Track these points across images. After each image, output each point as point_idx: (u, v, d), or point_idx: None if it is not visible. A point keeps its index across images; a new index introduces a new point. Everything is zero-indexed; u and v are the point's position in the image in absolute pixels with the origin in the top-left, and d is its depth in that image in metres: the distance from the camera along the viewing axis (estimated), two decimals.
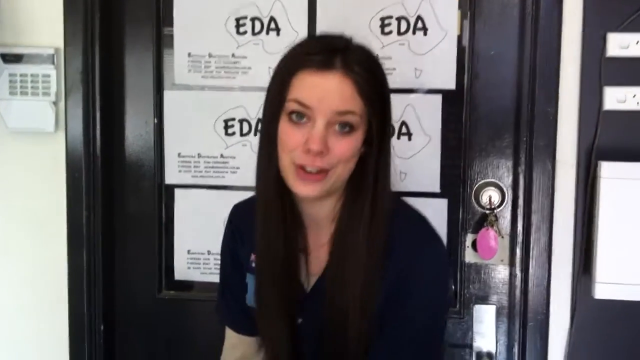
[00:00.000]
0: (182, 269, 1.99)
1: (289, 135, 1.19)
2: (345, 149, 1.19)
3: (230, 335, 1.49)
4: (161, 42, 1.95)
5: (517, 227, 1.82)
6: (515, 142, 1.82)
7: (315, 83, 1.17)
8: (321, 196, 1.23)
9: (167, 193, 1.99)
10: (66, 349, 1.98)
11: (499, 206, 1.83)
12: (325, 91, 1.16)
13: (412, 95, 1.83)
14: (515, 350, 1.85)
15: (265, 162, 1.26)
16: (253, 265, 1.37)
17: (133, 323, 2.04)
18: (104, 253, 1.97)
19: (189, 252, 1.98)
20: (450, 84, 1.82)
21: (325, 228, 1.30)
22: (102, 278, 1.98)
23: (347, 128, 1.18)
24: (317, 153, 1.16)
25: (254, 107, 1.89)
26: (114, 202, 2.01)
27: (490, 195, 1.83)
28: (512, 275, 1.85)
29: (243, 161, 1.91)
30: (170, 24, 1.93)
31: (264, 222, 1.30)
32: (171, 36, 1.93)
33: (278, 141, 1.21)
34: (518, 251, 1.82)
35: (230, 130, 1.92)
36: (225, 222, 1.50)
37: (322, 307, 1.27)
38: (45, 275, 1.98)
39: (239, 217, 1.46)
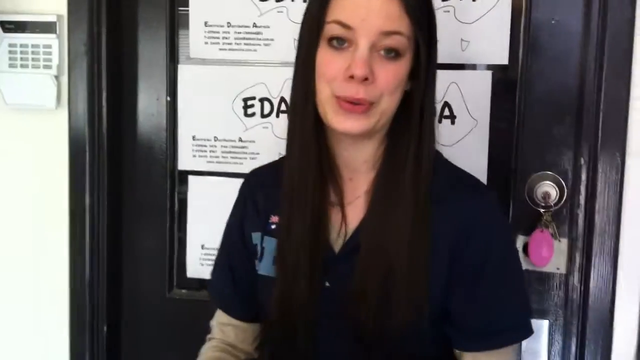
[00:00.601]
0: (195, 266, 1.85)
1: (329, 62, 1.10)
2: (390, 77, 1.09)
3: (222, 316, 1.37)
4: (175, 10, 1.78)
5: (577, 229, 1.63)
6: (578, 128, 1.61)
7: (358, 1, 1.07)
8: (363, 134, 1.13)
9: (180, 180, 1.84)
10: (67, 349, 1.85)
11: (556, 204, 1.63)
12: (369, 9, 1.07)
13: (457, 72, 1.65)
14: None
15: (302, 99, 1.15)
16: (273, 227, 1.26)
17: (140, 324, 1.90)
18: (109, 245, 1.84)
19: (202, 247, 1.84)
20: (503, 59, 1.63)
21: (363, 177, 1.20)
22: (107, 273, 1.84)
23: (392, 53, 1.09)
24: (361, 79, 1.06)
25: (276, 84, 1.72)
26: (121, 188, 1.86)
27: (546, 191, 1.63)
28: (569, 286, 1.66)
29: (263, 146, 1.76)
30: (186, 4, 1.77)
31: (298, 169, 1.18)
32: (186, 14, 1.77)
33: (316, 72, 1.12)
34: (577, 258, 1.63)
35: (249, 111, 1.76)
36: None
37: (353, 270, 1.15)
38: (44, 266, 1.85)
39: (259, 177, 1.36)
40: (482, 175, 1.64)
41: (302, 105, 1.15)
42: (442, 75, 1.55)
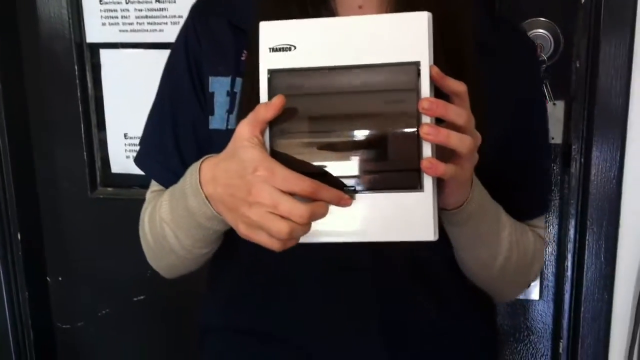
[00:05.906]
0: (120, 159, 1.61)
1: None
2: None
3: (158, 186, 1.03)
4: None
5: (576, 87, 1.28)
6: None
7: None
8: None
9: (91, 55, 1.54)
10: None
11: (550, 57, 1.32)
12: None
13: None
14: None
15: None
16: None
17: (62, 230, 1.66)
18: (10, 142, 1.56)
19: (126, 135, 1.58)
20: None
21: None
22: (13, 172, 1.58)
23: None
24: None
25: None
26: (19, 71, 1.56)
27: (537, 42, 1.31)
28: (565, 159, 1.34)
29: (188, 6, 1.40)
30: None
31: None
32: None
33: None
34: (577, 124, 1.27)
35: None
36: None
37: None
38: None
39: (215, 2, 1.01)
40: None
41: None
42: None
